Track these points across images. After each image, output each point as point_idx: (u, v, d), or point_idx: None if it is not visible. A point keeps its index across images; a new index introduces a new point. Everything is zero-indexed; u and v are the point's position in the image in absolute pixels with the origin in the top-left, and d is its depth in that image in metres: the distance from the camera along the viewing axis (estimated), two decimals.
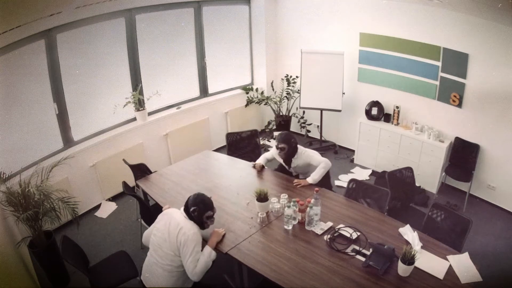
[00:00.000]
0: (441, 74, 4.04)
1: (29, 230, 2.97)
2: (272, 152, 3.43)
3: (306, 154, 3.25)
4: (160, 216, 2.51)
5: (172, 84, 4.71)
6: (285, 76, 5.29)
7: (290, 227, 2.62)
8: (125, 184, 3.37)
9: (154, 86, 4.47)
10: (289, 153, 3.23)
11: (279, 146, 3.20)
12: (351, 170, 4.77)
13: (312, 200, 2.57)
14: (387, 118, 4.60)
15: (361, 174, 4.70)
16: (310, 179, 3.13)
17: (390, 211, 3.00)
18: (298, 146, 3.28)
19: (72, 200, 3.12)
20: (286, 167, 3.40)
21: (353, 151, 4.99)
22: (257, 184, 3.17)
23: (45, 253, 3.03)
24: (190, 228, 2.35)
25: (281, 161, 3.38)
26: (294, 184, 3.14)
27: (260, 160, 3.44)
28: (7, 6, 2.46)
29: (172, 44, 4.59)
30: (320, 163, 3.17)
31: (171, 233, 2.35)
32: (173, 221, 2.38)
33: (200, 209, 2.39)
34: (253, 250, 2.44)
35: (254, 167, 3.39)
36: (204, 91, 5.15)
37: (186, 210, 2.42)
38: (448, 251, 2.36)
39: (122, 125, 4.33)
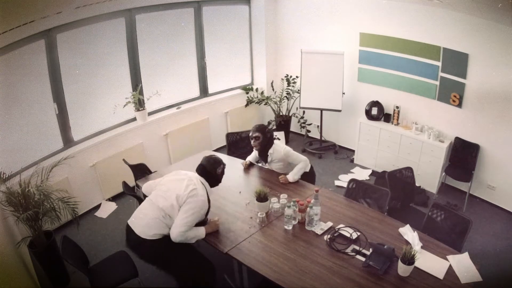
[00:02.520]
0: (441, 74, 4.04)
1: (29, 230, 2.96)
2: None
3: (285, 151, 3.19)
4: (173, 173, 2.62)
5: (172, 84, 4.71)
6: (285, 76, 5.29)
7: (290, 227, 2.62)
8: (125, 184, 3.37)
9: (154, 86, 4.47)
10: (263, 144, 3.18)
11: (253, 135, 3.16)
12: (351, 170, 4.77)
13: (312, 200, 2.57)
14: (387, 118, 4.60)
15: (361, 174, 4.70)
16: (290, 177, 3.15)
17: (390, 211, 3.00)
18: (278, 142, 3.25)
19: (72, 200, 3.12)
20: (262, 162, 3.39)
21: (353, 151, 4.99)
22: (257, 184, 3.17)
23: (45, 253, 3.03)
24: (202, 194, 2.45)
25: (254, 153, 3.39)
26: (280, 179, 3.17)
27: (250, 158, 3.47)
28: (7, 6, 2.46)
29: (172, 44, 4.59)
30: (299, 162, 3.16)
31: (182, 188, 2.42)
32: (187, 177, 2.50)
33: (223, 165, 2.62)
34: (253, 250, 2.44)
35: (242, 164, 3.43)
36: (204, 91, 5.15)
37: (206, 173, 2.55)
38: (448, 251, 2.36)
39: (122, 125, 4.33)
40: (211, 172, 2.56)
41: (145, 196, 2.67)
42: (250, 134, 3.21)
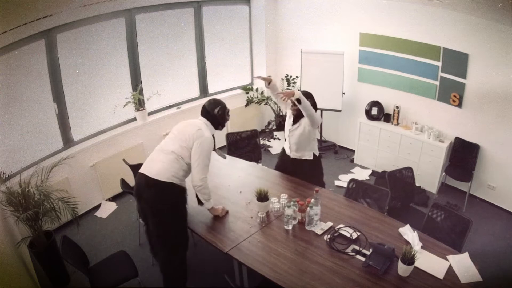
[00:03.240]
0: (441, 74, 4.04)
1: (29, 230, 2.96)
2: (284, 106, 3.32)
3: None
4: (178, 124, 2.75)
5: (172, 84, 4.71)
6: (285, 76, 5.29)
7: (290, 227, 2.62)
8: (123, 181, 3.37)
9: (154, 86, 4.47)
10: (300, 112, 2.96)
11: (294, 98, 2.88)
12: (351, 170, 4.77)
13: (312, 200, 2.57)
14: (387, 118, 4.60)
15: (361, 174, 4.70)
16: (297, 92, 2.83)
17: (390, 211, 3.01)
18: None
19: (72, 200, 3.12)
20: (289, 126, 3.17)
21: (353, 151, 4.99)
22: (257, 184, 3.17)
23: (45, 253, 3.03)
24: (208, 133, 2.60)
25: (289, 114, 3.18)
26: (280, 95, 2.93)
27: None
28: (7, 6, 2.46)
29: (172, 44, 4.59)
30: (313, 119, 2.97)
31: (188, 131, 2.58)
32: (191, 122, 2.66)
33: (222, 107, 2.74)
34: (253, 250, 2.44)
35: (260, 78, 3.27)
36: (204, 91, 5.15)
37: (207, 114, 2.69)
38: (448, 251, 2.36)
39: (122, 125, 4.33)
40: (210, 112, 2.70)
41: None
42: (294, 98, 2.91)
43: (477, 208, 4.00)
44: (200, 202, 2.70)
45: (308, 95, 3.04)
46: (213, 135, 2.66)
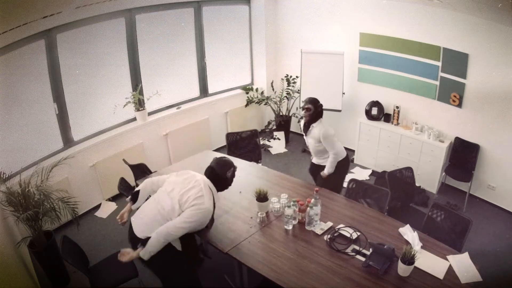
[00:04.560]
0: (441, 74, 4.04)
1: (29, 230, 2.96)
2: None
3: (323, 133, 3.18)
4: (181, 172, 2.46)
5: (172, 84, 4.71)
6: (285, 76, 5.29)
7: (290, 227, 2.62)
8: (122, 180, 3.36)
9: (154, 86, 4.47)
10: (312, 115, 3.23)
11: (305, 106, 3.22)
12: (351, 170, 4.77)
13: (312, 200, 2.57)
14: (387, 118, 4.60)
15: (361, 174, 4.70)
16: (325, 172, 3.26)
17: (390, 211, 3.01)
18: (324, 124, 3.27)
19: (72, 200, 3.12)
20: (304, 133, 3.41)
21: (353, 151, 4.98)
22: (257, 184, 3.16)
23: (45, 253, 3.03)
24: (208, 203, 2.28)
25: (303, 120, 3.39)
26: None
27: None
28: (7, 6, 2.45)
29: (172, 44, 4.59)
30: (330, 151, 3.22)
31: (189, 193, 2.27)
32: (195, 181, 2.34)
33: (234, 168, 2.48)
34: (253, 250, 2.44)
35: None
36: (204, 91, 5.15)
37: (215, 176, 2.38)
38: (448, 251, 2.36)
39: (122, 125, 4.33)
40: (220, 175, 2.40)
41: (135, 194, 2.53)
42: (303, 105, 3.27)
43: (477, 208, 4.00)
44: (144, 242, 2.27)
45: (314, 102, 3.22)
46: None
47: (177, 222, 2.22)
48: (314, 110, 3.21)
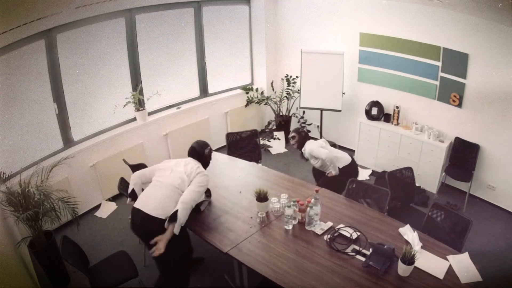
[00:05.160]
0: (441, 74, 4.04)
1: (29, 230, 2.96)
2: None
3: (308, 149, 3.49)
4: (164, 162, 2.79)
5: (172, 84, 4.71)
6: (285, 76, 5.29)
7: (290, 227, 2.62)
8: (122, 180, 3.36)
9: (154, 86, 4.46)
10: (300, 142, 3.56)
11: (290, 136, 3.63)
12: None
13: (312, 200, 2.57)
14: (387, 118, 4.60)
15: (361, 174, 4.68)
16: (333, 173, 3.43)
17: (390, 211, 3.01)
18: (311, 141, 3.55)
19: (72, 200, 3.12)
20: (304, 158, 3.66)
21: (353, 151, 4.98)
22: (257, 184, 3.17)
23: (45, 253, 3.03)
24: (206, 171, 2.73)
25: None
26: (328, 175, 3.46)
27: None
28: (7, 6, 2.45)
29: (172, 44, 4.58)
30: (324, 159, 3.41)
31: (189, 166, 2.66)
32: (187, 161, 2.74)
33: (210, 147, 2.89)
34: (253, 250, 2.44)
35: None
36: (204, 91, 5.15)
37: (197, 155, 2.78)
38: (448, 251, 2.36)
39: (122, 125, 4.32)
40: (200, 152, 2.79)
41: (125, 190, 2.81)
42: (288, 136, 3.73)
43: (477, 208, 4.00)
44: (171, 219, 2.47)
45: (296, 131, 3.60)
46: None
47: (193, 188, 2.56)
48: (299, 137, 3.56)
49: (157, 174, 2.68)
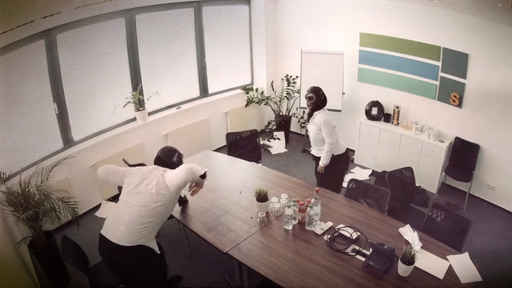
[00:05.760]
0: (441, 74, 4.04)
1: (29, 230, 2.96)
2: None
3: (323, 121, 3.26)
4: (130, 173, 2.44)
5: (172, 84, 4.71)
6: (285, 76, 5.29)
7: (290, 227, 2.62)
8: None
9: (154, 86, 4.46)
10: (315, 104, 3.33)
11: (308, 95, 3.33)
12: (351, 170, 4.77)
13: (312, 200, 2.57)
14: (387, 118, 4.60)
15: (361, 174, 4.70)
16: (320, 164, 3.32)
17: (390, 211, 3.01)
18: (326, 108, 3.37)
19: (72, 200, 3.12)
20: (307, 122, 3.51)
21: (353, 151, 4.98)
22: (257, 184, 3.17)
23: (45, 253, 3.03)
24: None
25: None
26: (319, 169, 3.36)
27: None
28: (7, 6, 2.45)
29: (172, 44, 4.59)
30: (326, 139, 3.26)
31: (153, 173, 2.36)
32: (155, 167, 2.45)
33: (178, 153, 2.57)
34: (253, 250, 2.44)
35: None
36: (204, 91, 5.15)
37: (164, 164, 2.48)
38: (448, 251, 2.36)
39: (122, 125, 4.33)
40: (166, 161, 2.50)
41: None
42: (305, 94, 3.36)
43: (477, 208, 4.00)
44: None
45: (316, 91, 3.31)
46: None
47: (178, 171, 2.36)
48: (317, 99, 3.30)
49: (128, 190, 2.35)
